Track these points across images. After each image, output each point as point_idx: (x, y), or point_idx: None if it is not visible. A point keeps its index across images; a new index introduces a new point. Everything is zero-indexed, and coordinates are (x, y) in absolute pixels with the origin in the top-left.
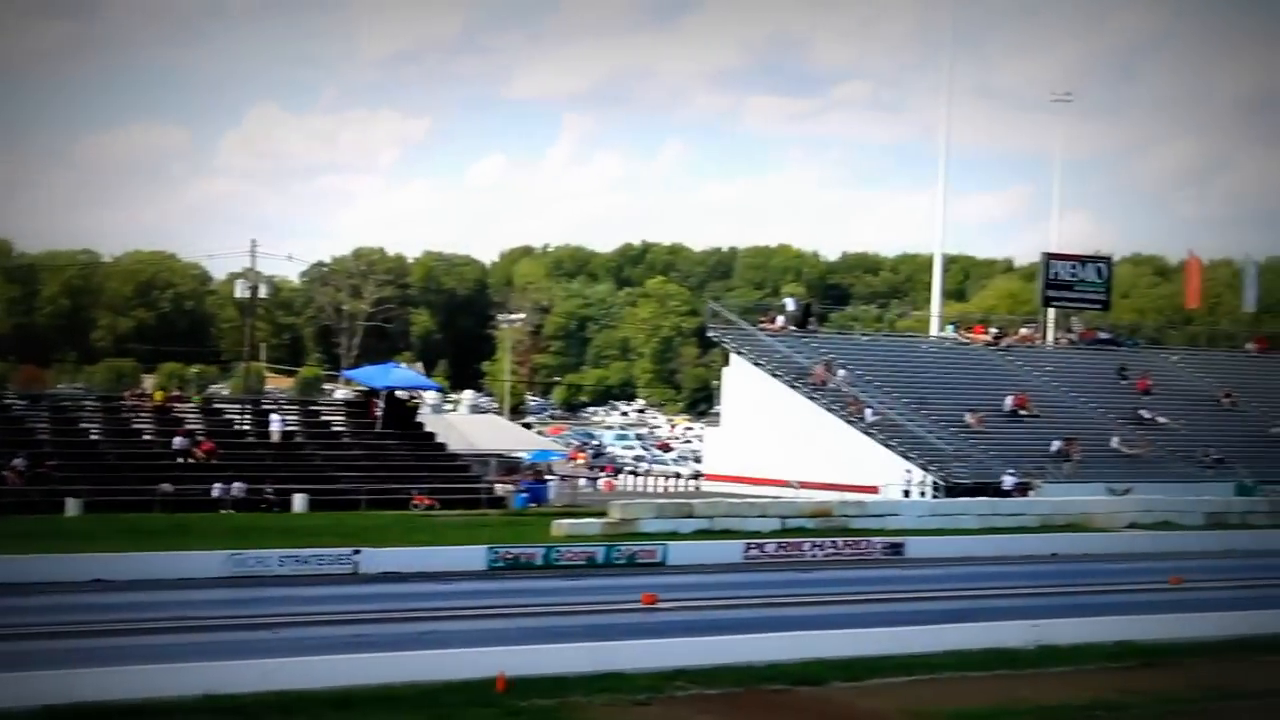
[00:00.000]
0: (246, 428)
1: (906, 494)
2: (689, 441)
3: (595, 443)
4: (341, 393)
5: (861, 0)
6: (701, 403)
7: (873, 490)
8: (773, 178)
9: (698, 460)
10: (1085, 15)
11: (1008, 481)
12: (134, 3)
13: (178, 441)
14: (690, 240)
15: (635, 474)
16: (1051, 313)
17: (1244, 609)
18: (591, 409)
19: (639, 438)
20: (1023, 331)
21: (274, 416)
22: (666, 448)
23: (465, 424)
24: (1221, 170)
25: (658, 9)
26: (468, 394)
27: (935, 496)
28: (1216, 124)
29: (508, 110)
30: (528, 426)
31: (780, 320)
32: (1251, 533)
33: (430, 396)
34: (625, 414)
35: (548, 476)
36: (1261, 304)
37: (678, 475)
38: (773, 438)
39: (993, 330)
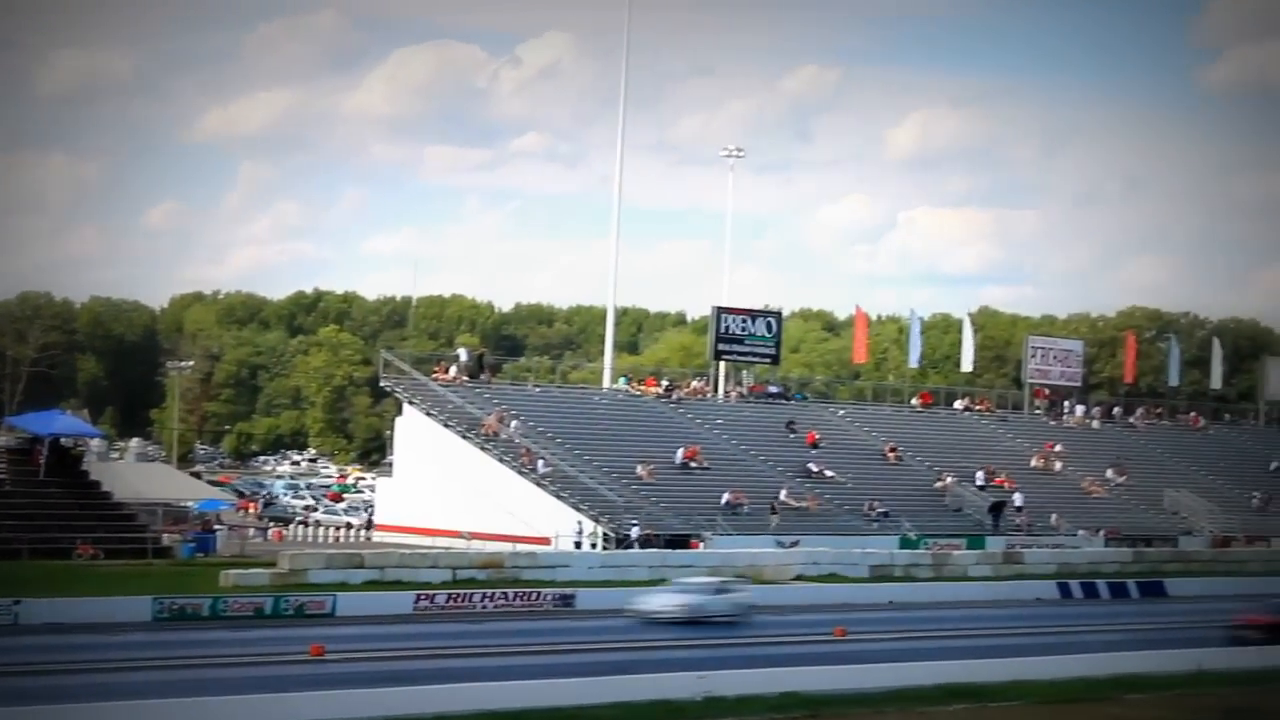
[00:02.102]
0: None
1: (578, 545)
2: (361, 491)
3: (265, 492)
4: (3, 439)
5: (539, 53)
6: (374, 452)
7: (544, 542)
8: (449, 228)
9: (369, 510)
10: (759, 75)
11: (634, 532)
12: None
13: None
14: (364, 289)
15: (305, 524)
16: (723, 366)
17: (905, 660)
18: (262, 458)
19: (309, 487)
20: (694, 384)
21: None
22: (338, 498)
23: (132, 472)
24: (889, 229)
25: (337, 57)
26: (135, 442)
27: (606, 548)
28: (885, 183)
29: (183, 155)
30: (196, 475)
31: (453, 371)
32: (914, 585)
33: (96, 444)
34: (296, 463)
35: (216, 526)
36: (926, 360)
37: (349, 525)
38: (445, 488)
39: (664, 383)
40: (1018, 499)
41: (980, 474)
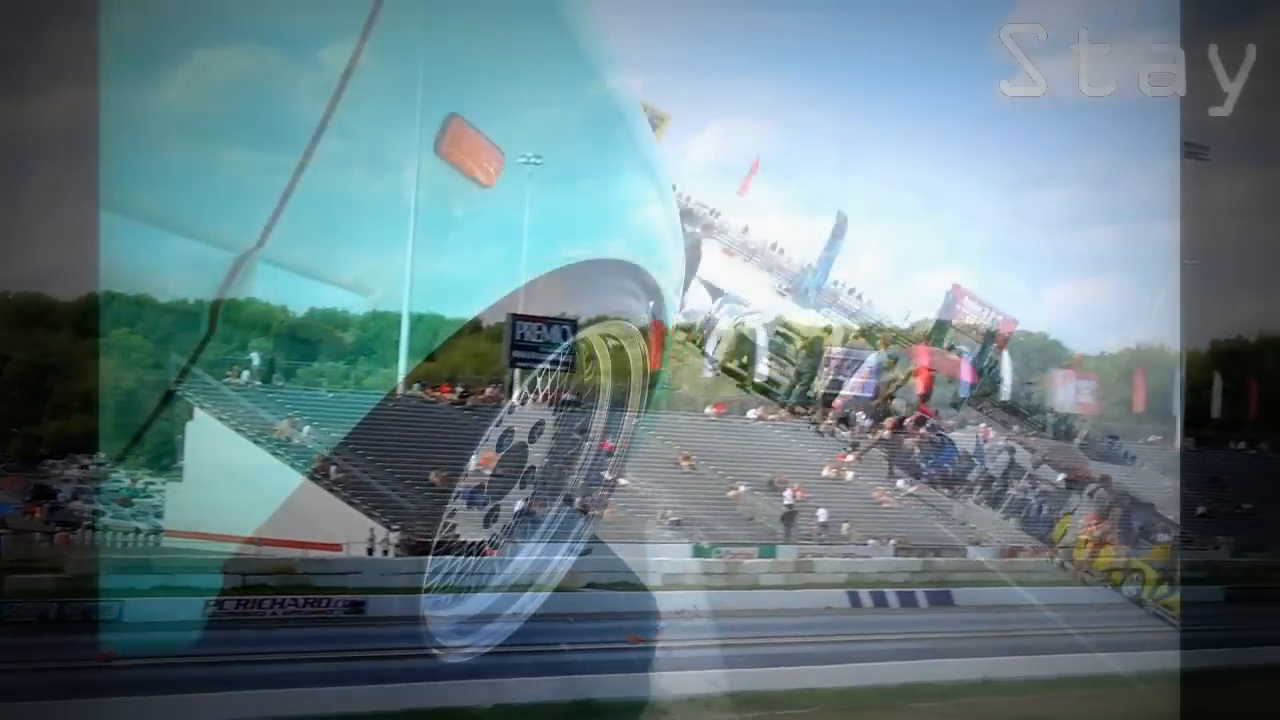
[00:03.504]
0: None
1: (370, 552)
2: (150, 496)
3: (56, 498)
4: None
5: (340, 56)
6: (165, 457)
7: (336, 548)
8: (245, 232)
9: (159, 515)
10: (557, 82)
11: (393, 538)
12: None
13: None
14: (156, 291)
15: (93, 529)
16: (517, 373)
17: (697, 668)
18: (50, 461)
19: (98, 491)
20: (488, 391)
21: None
22: (127, 502)
23: None
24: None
25: (133, 56)
26: None
27: (399, 555)
28: (684, 193)
29: None
30: None
31: (245, 375)
32: (707, 593)
33: None
34: (85, 467)
35: None
36: (720, 369)
37: (138, 530)
38: (236, 493)
39: (459, 389)
40: (822, 514)
41: (788, 493)
